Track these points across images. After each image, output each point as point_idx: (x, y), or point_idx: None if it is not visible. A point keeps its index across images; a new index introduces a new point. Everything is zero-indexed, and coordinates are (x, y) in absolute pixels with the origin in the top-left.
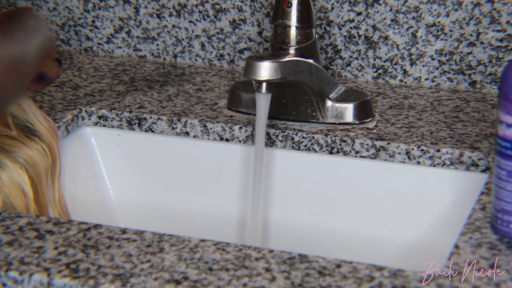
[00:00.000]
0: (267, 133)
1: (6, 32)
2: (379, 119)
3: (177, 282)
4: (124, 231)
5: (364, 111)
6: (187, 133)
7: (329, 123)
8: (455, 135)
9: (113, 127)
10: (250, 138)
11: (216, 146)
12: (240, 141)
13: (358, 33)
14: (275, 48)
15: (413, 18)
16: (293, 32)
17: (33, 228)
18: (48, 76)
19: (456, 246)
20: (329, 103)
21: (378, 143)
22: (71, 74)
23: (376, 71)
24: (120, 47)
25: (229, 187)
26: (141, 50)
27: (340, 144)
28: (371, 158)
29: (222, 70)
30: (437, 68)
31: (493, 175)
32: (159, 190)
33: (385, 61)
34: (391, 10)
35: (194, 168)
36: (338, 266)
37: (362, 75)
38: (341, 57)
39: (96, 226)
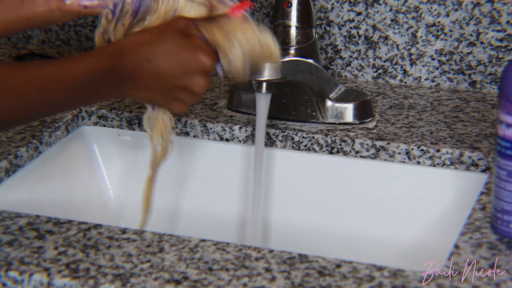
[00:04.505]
0: (267, 133)
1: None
2: (379, 119)
3: (177, 282)
4: (124, 231)
5: (364, 111)
6: (187, 133)
7: (329, 123)
8: (455, 135)
9: (113, 127)
10: (250, 138)
11: (216, 146)
12: (240, 141)
13: (358, 33)
14: None
15: (413, 18)
16: (293, 32)
17: (33, 228)
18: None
19: (456, 246)
20: (329, 103)
21: (378, 143)
22: None
23: (376, 71)
24: None
25: (229, 187)
26: None
27: (340, 144)
28: (371, 158)
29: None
30: (437, 68)
31: (493, 175)
32: (159, 190)
33: (385, 61)
34: (391, 10)
35: (194, 168)
36: (338, 266)
37: (362, 75)
38: (341, 57)
39: (96, 226)
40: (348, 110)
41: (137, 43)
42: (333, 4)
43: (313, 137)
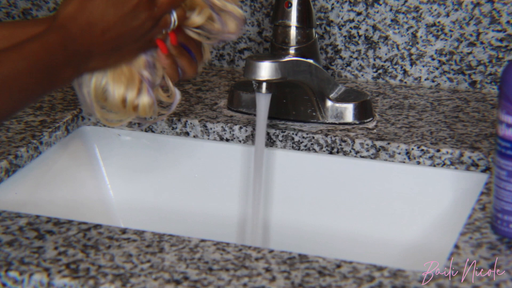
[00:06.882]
0: (267, 133)
1: None
2: (379, 119)
3: (177, 282)
4: (124, 231)
5: (364, 111)
6: (187, 133)
7: (329, 123)
8: (455, 135)
9: (113, 127)
10: (250, 138)
11: (216, 146)
12: (240, 141)
13: (358, 33)
14: (275, 48)
15: (413, 18)
16: (293, 32)
17: (33, 228)
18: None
19: (456, 246)
20: (329, 103)
21: (378, 143)
22: None
23: (376, 71)
24: None
25: (229, 187)
26: None
27: (340, 144)
28: (371, 158)
29: (222, 70)
30: (437, 68)
31: (493, 175)
32: (159, 190)
33: (385, 61)
34: (391, 10)
35: (194, 168)
36: (338, 266)
37: (362, 75)
38: (341, 57)
39: (96, 226)
40: (348, 110)
41: (74, 10)
42: (333, 4)
43: (313, 137)
